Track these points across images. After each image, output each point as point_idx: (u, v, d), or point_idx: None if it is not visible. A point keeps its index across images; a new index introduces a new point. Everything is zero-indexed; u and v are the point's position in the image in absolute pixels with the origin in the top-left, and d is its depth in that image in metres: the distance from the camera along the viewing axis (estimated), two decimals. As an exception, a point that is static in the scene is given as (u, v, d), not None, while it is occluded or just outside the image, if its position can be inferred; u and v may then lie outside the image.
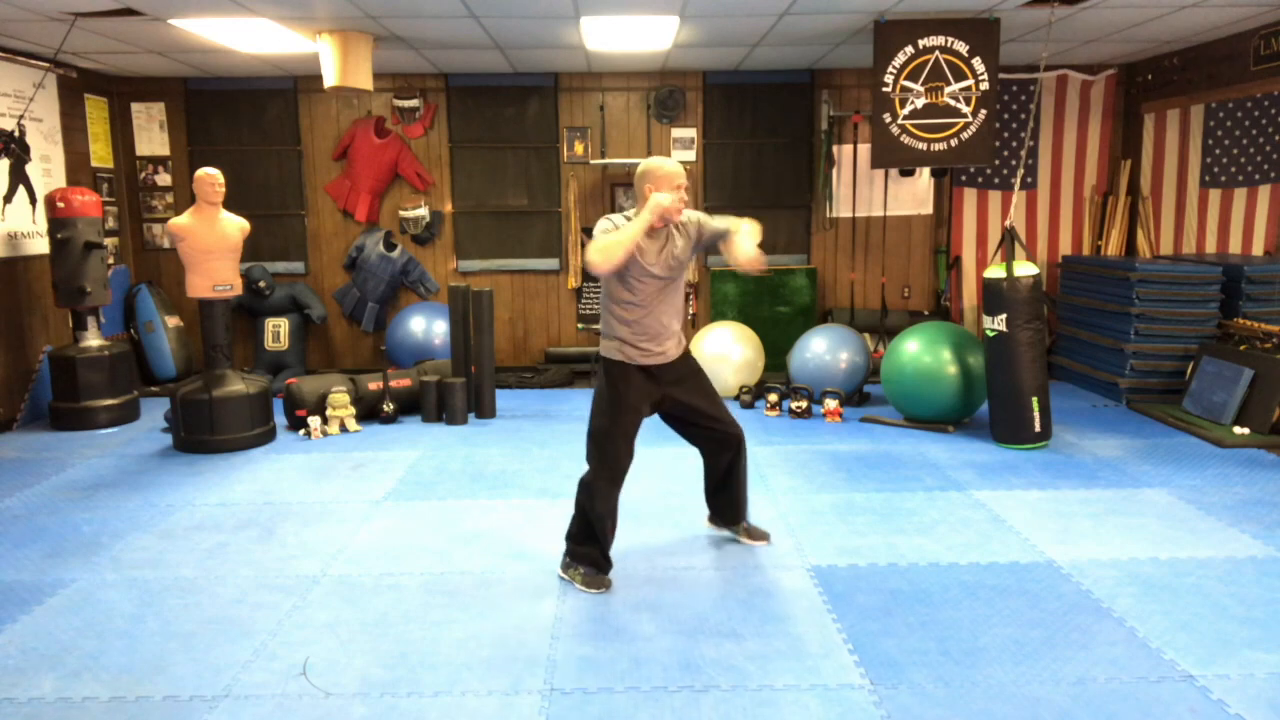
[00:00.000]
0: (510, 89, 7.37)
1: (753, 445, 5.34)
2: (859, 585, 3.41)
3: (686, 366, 3.50)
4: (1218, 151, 6.37)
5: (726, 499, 3.77)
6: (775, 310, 7.36)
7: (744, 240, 3.27)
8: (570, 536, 3.49)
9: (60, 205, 5.86)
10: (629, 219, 3.26)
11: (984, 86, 5.74)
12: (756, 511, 4.11)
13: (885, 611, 3.19)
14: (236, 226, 5.40)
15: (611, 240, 3.13)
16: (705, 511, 3.97)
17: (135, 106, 7.35)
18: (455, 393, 5.94)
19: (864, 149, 7.25)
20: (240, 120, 7.38)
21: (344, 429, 5.78)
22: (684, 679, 2.76)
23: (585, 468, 3.43)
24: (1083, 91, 7.34)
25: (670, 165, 3.27)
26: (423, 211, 7.46)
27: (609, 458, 3.37)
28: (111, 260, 7.00)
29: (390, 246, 7.47)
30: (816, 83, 7.40)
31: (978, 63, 5.70)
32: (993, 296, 5.20)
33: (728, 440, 3.61)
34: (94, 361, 5.92)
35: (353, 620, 3.18)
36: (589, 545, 3.43)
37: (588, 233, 7.50)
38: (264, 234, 7.33)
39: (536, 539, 3.91)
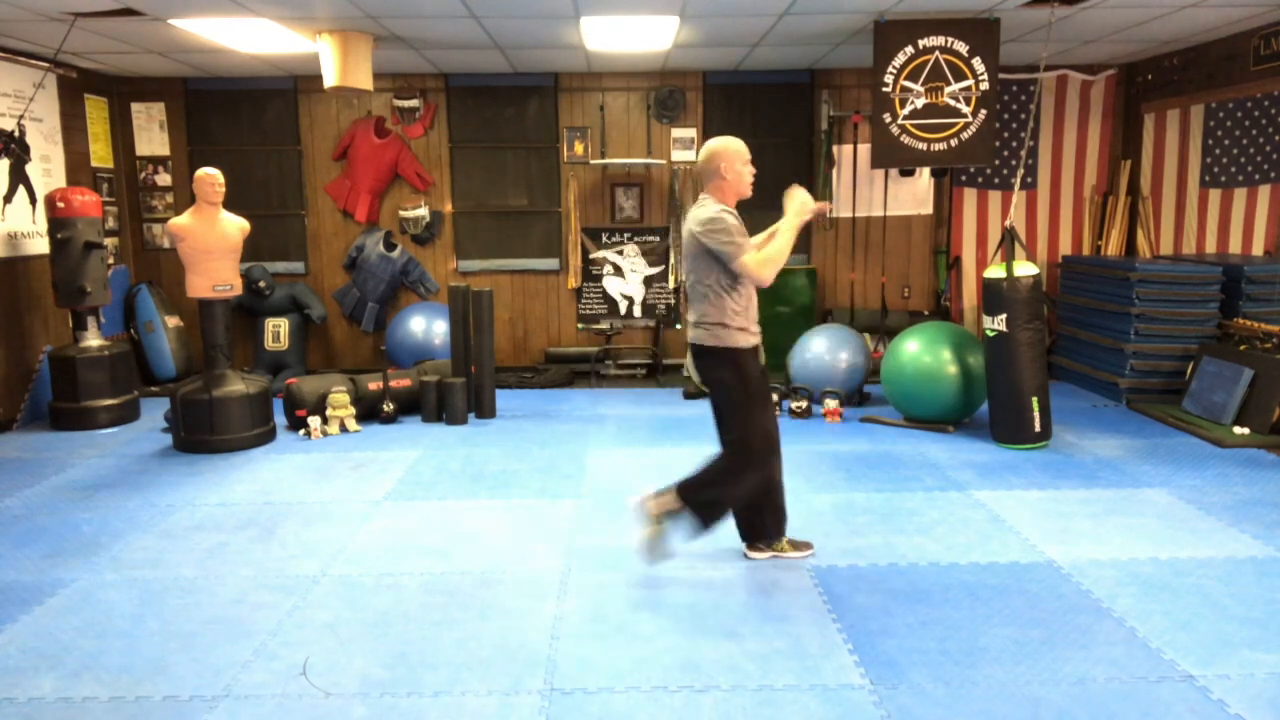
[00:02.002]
0: (510, 89, 7.38)
1: (753, 445, 5.36)
2: (859, 585, 3.41)
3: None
4: (1218, 151, 6.37)
5: (776, 509, 3.63)
6: (775, 310, 7.36)
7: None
8: (701, 512, 3.47)
9: (60, 205, 5.86)
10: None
11: (984, 86, 5.74)
12: (756, 511, 4.10)
13: (885, 611, 3.19)
14: (236, 226, 5.41)
15: (777, 251, 3.33)
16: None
17: (135, 106, 7.35)
18: (455, 393, 5.94)
19: (864, 149, 7.25)
20: (240, 120, 7.39)
21: (344, 429, 5.78)
22: (684, 679, 2.76)
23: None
24: (1083, 91, 7.34)
25: (738, 142, 3.41)
26: (423, 211, 7.46)
27: (769, 434, 3.44)
28: (111, 260, 7.00)
29: (390, 246, 7.47)
30: (816, 83, 7.40)
31: (978, 63, 5.71)
32: (993, 296, 5.20)
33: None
34: (94, 361, 5.92)
35: (353, 620, 3.18)
36: (715, 512, 3.46)
37: (588, 233, 7.52)
38: (264, 234, 7.33)
39: (536, 539, 3.91)
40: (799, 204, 3.41)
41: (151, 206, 7.49)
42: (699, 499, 3.42)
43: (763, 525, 3.63)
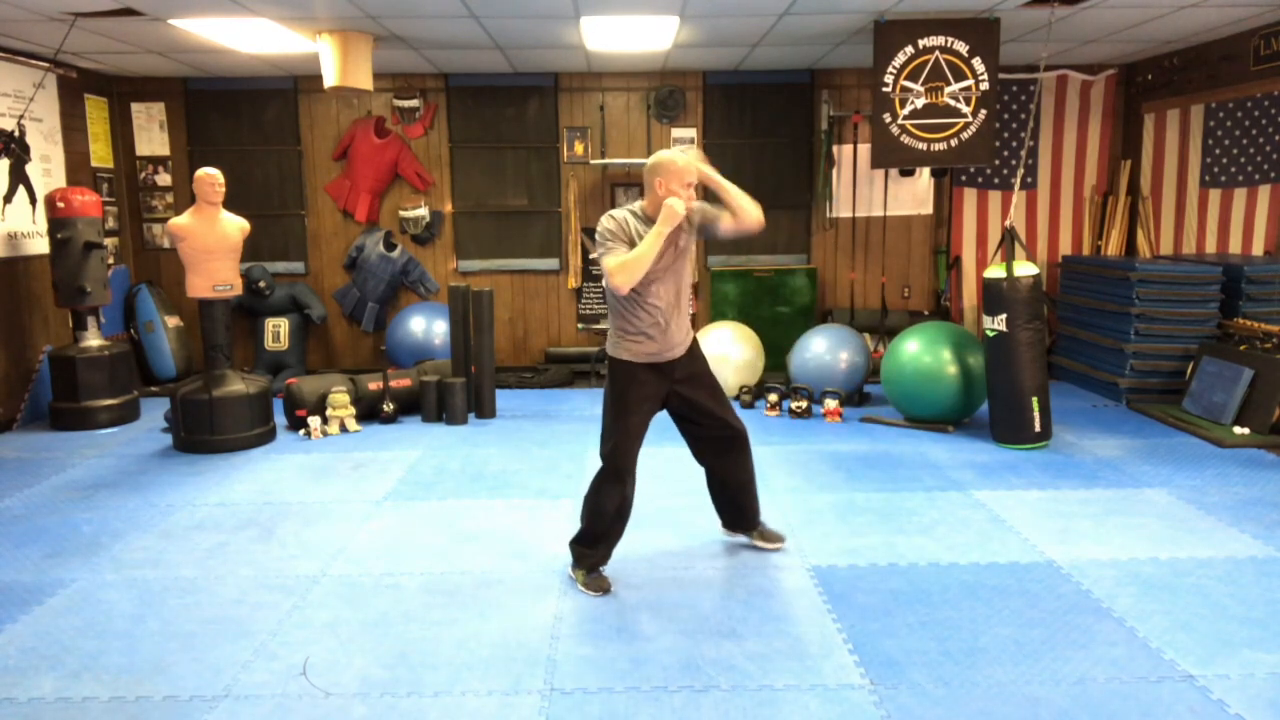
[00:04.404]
0: (510, 89, 7.37)
1: (753, 445, 5.33)
2: (859, 585, 3.41)
3: (695, 362, 3.45)
4: (1218, 151, 6.37)
5: (739, 504, 3.71)
6: (775, 310, 7.36)
7: (738, 199, 3.30)
8: (576, 539, 3.47)
9: (60, 205, 5.86)
10: (635, 213, 3.26)
11: (984, 86, 5.74)
12: (756, 511, 4.10)
13: (885, 611, 3.19)
14: (236, 226, 5.40)
15: (633, 258, 3.11)
16: (704, 511, 3.95)
17: (135, 106, 7.35)
18: (455, 393, 5.94)
19: (864, 149, 7.25)
20: (240, 120, 7.38)
21: (344, 429, 5.78)
22: (684, 679, 2.76)
23: (597, 466, 3.42)
24: (1083, 91, 7.34)
25: (682, 161, 3.20)
26: (423, 211, 7.46)
27: (619, 457, 3.34)
28: (111, 260, 7.00)
29: (390, 246, 7.47)
30: (816, 83, 7.40)
31: (978, 63, 5.70)
32: (993, 296, 5.20)
33: (733, 440, 3.56)
34: (94, 361, 5.91)
35: (353, 620, 3.18)
36: (592, 547, 3.43)
37: (588, 233, 7.51)
38: (264, 234, 7.32)
39: (536, 539, 3.91)
40: (669, 213, 3.12)
41: (151, 206, 7.49)
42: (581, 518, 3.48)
43: (728, 512, 3.78)
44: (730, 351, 6.40)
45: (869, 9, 5.39)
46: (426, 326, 7.06)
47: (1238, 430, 5.28)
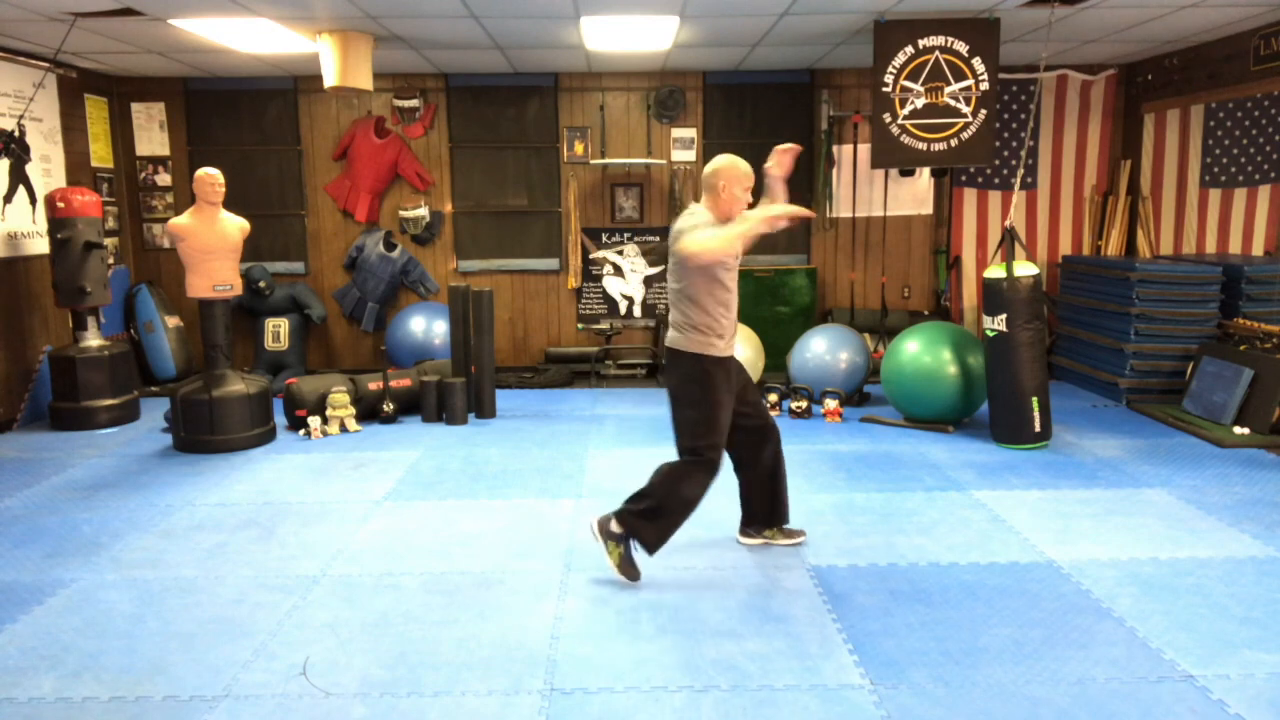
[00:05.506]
0: (510, 89, 7.38)
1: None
2: (859, 585, 3.41)
3: (735, 359, 3.60)
4: (1218, 151, 6.37)
5: (780, 495, 3.75)
6: (775, 310, 7.36)
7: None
8: (634, 512, 3.42)
9: (60, 205, 5.86)
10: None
11: (984, 86, 5.74)
12: (756, 511, 4.10)
13: (885, 611, 3.19)
14: (236, 226, 5.41)
15: (728, 234, 3.19)
16: (704, 512, 3.94)
17: (135, 106, 7.35)
18: (455, 393, 5.94)
19: (864, 149, 7.25)
20: (240, 120, 7.38)
21: (344, 429, 5.78)
22: (684, 679, 2.76)
23: (675, 458, 3.45)
24: (1083, 91, 7.34)
25: (745, 165, 3.40)
26: (423, 211, 7.46)
27: (715, 448, 3.39)
28: (111, 260, 7.00)
29: (390, 246, 7.47)
30: (816, 83, 7.40)
31: (978, 63, 5.71)
32: (993, 296, 5.20)
33: (771, 430, 3.66)
34: (94, 361, 5.91)
35: (353, 620, 3.18)
36: (651, 524, 3.42)
37: (588, 233, 7.52)
38: (264, 234, 7.33)
39: (536, 539, 3.91)
40: (769, 213, 3.31)
41: (151, 206, 7.49)
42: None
43: (761, 509, 3.77)
44: (730, 351, 6.40)
45: (869, 9, 5.39)
46: (426, 326, 7.06)
47: (1238, 430, 5.28)
